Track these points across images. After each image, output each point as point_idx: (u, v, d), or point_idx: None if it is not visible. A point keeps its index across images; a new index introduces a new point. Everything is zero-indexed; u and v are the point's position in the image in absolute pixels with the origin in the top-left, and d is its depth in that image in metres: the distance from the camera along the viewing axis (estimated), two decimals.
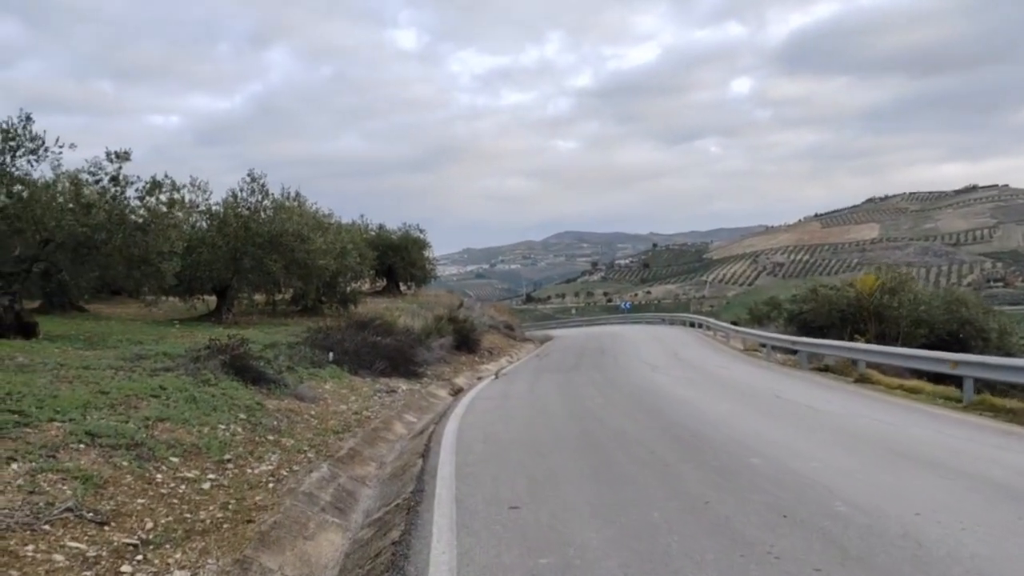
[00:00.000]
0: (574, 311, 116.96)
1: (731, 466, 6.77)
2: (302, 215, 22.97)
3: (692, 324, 40.11)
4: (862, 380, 14.12)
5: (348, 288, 27.22)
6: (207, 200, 20.73)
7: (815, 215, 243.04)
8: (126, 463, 6.20)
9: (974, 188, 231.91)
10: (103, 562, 4.50)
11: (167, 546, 4.94)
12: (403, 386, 15.19)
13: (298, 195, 23.99)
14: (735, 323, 34.76)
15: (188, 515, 5.58)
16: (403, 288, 38.74)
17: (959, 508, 5.34)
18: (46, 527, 4.73)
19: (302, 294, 25.24)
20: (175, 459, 6.73)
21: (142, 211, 15.17)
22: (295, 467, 7.56)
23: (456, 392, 16.03)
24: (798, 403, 11.23)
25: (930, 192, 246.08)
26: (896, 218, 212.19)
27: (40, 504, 4.99)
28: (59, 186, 14.55)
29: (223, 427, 8.31)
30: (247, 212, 22.25)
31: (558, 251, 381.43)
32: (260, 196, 22.63)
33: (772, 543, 4.62)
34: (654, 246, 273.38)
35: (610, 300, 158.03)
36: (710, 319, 38.14)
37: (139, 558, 4.67)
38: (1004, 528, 4.87)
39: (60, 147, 13.59)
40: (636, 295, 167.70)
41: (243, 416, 9.04)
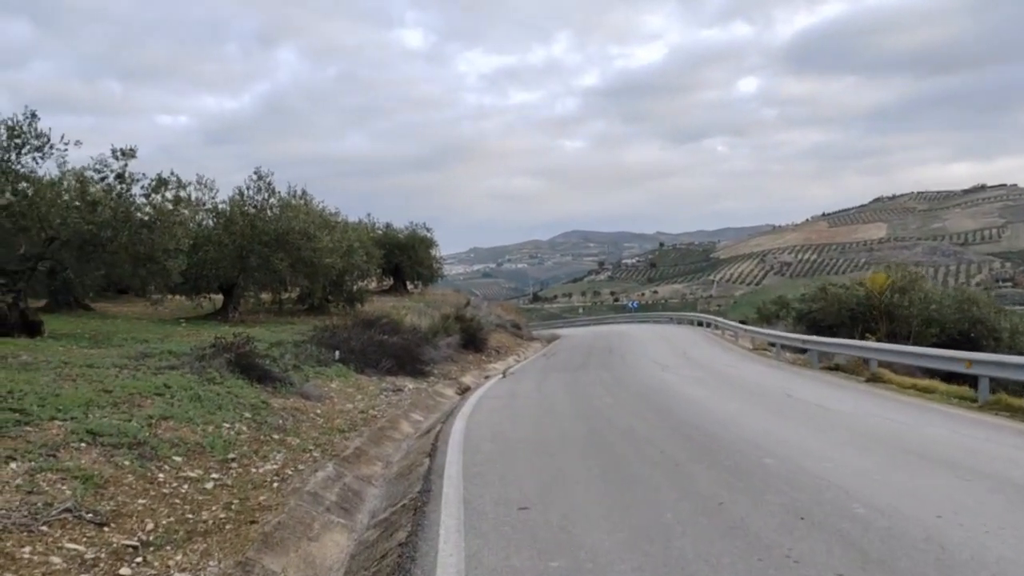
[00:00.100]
0: (581, 310, 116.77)
1: (744, 466, 6.62)
2: (308, 213, 22.88)
3: (700, 323, 39.91)
4: (874, 379, 13.93)
5: (355, 287, 27.14)
6: (213, 198, 20.69)
7: (822, 214, 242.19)
8: (128, 462, 6.09)
9: (982, 188, 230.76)
10: (101, 564, 4.39)
11: (168, 548, 4.83)
12: (410, 385, 15.08)
13: (304, 193, 23.93)
14: (743, 322, 34.57)
15: (190, 515, 5.47)
16: (410, 287, 38.66)
17: (981, 510, 5.18)
18: (44, 528, 4.62)
19: (308, 293, 25.17)
20: (178, 458, 6.63)
21: (148, 209, 15.08)
22: (300, 466, 7.45)
23: (463, 391, 15.92)
24: (810, 402, 11.06)
25: (938, 192, 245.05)
26: (904, 218, 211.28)
27: (38, 504, 4.89)
28: (65, 183, 14.47)
29: (228, 426, 8.20)
30: (253, 210, 22.17)
31: (565, 250, 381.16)
32: (266, 194, 22.56)
33: (790, 546, 4.48)
34: (661, 245, 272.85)
35: (617, 299, 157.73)
36: (718, 318, 37.91)
37: (139, 560, 4.56)
38: None
39: (65, 144, 13.52)
40: (643, 294, 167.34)
41: (248, 415, 8.94)
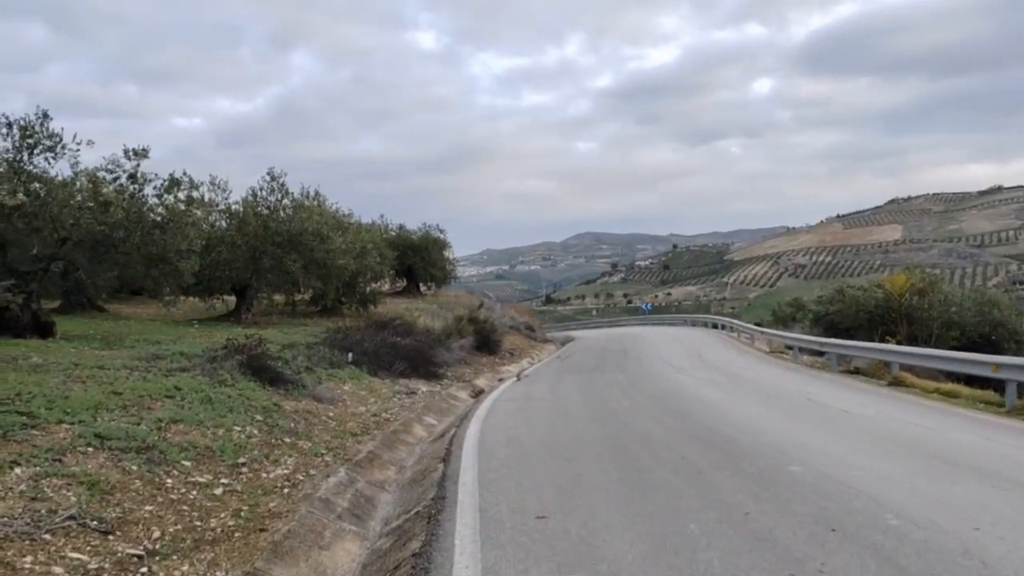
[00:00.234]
0: (594, 312, 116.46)
1: (769, 473, 6.40)
2: (322, 215, 22.79)
3: (715, 325, 39.58)
4: (896, 383, 13.65)
5: (368, 288, 27.04)
6: (226, 199, 20.63)
7: (837, 216, 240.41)
8: (135, 467, 5.95)
9: (999, 189, 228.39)
10: (105, 575, 4.24)
11: (174, 557, 4.68)
12: (423, 387, 14.92)
13: (318, 194, 23.84)
14: (759, 324, 34.24)
15: (198, 523, 5.32)
16: (423, 288, 38.56)
17: (1020, 521, 4.95)
18: (47, 536, 4.48)
19: (321, 294, 25.09)
20: (187, 463, 6.48)
21: (160, 209, 15.00)
22: (312, 471, 7.29)
23: (477, 394, 15.75)
24: (832, 406, 10.81)
25: (954, 193, 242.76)
26: (919, 219, 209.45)
27: (42, 511, 4.75)
28: (77, 184, 14.40)
29: (238, 429, 8.06)
30: (267, 211, 22.10)
31: (578, 252, 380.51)
32: (280, 195, 22.48)
33: (823, 560, 4.26)
34: (674, 247, 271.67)
35: (630, 301, 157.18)
36: (734, 320, 37.57)
37: (144, 571, 4.41)
38: None
39: (78, 144, 13.45)
40: (656, 296, 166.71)
41: (259, 418, 8.80)
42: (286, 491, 6.43)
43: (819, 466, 6.62)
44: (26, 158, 13.09)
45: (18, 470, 5.27)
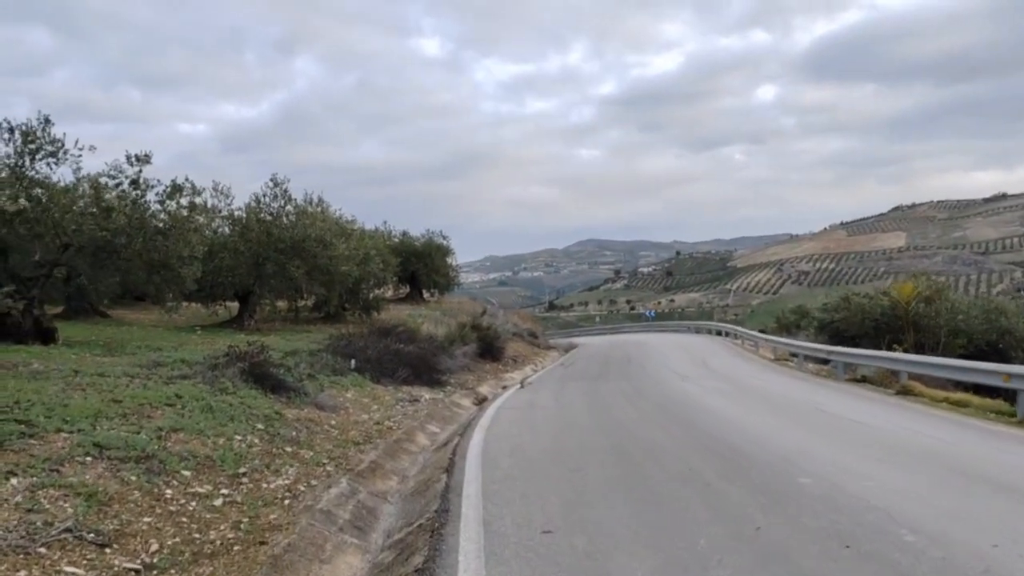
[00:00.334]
0: (598, 319, 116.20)
1: (778, 486, 6.28)
2: (325, 221, 22.73)
3: (719, 332, 39.43)
4: (904, 392, 13.50)
5: (371, 295, 26.96)
6: (229, 205, 20.58)
7: (840, 223, 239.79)
8: (134, 477, 5.85)
9: (1003, 196, 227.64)
10: None
11: (172, 571, 4.57)
12: (426, 395, 14.81)
13: (321, 201, 23.78)
14: (763, 331, 34.07)
15: (197, 535, 5.21)
16: (426, 295, 38.47)
17: None
18: (42, 550, 4.37)
19: (324, 300, 25.01)
20: (187, 473, 6.38)
21: (162, 215, 14.93)
22: (313, 481, 7.18)
23: (480, 401, 15.63)
24: (841, 416, 10.68)
25: (959, 200, 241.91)
26: (923, 226, 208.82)
27: (37, 524, 4.64)
28: (79, 190, 14.34)
29: (239, 438, 7.96)
30: (270, 217, 22.05)
31: (581, 259, 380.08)
32: (283, 201, 22.42)
33: None
34: (677, 254, 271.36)
35: (633, 308, 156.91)
36: (738, 327, 37.42)
37: None
38: None
39: (79, 150, 13.39)
40: (659, 303, 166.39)
41: (261, 426, 8.70)
42: (287, 502, 6.33)
43: (830, 478, 6.50)
44: (28, 163, 13.03)
45: (14, 481, 5.18)
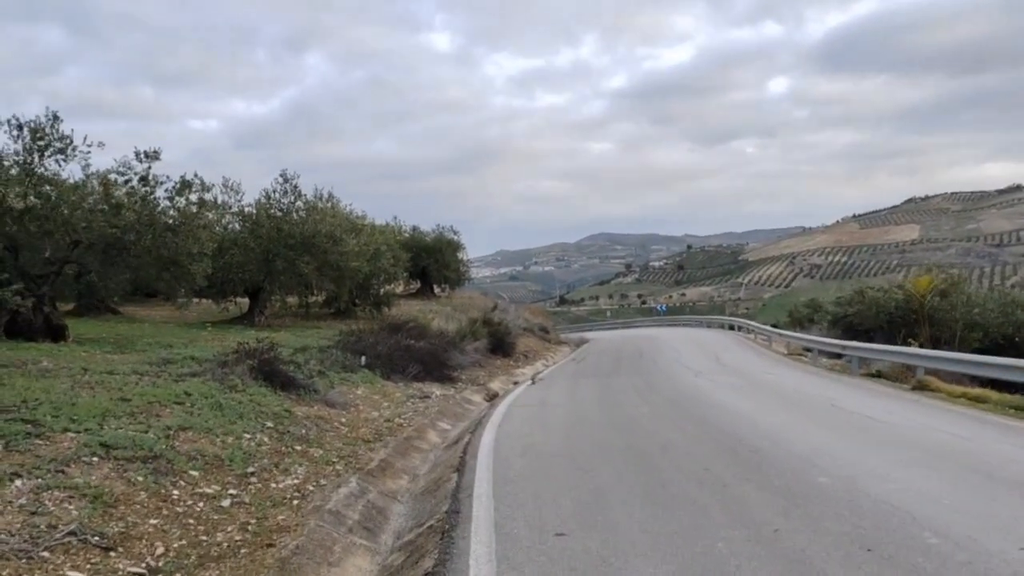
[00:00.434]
0: (609, 313, 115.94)
1: (797, 487, 6.13)
2: (335, 216, 22.64)
3: (731, 327, 39.19)
4: (921, 387, 13.29)
5: (381, 290, 26.89)
6: (239, 201, 20.53)
7: (853, 216, 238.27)
8: (141, 478, 5.78)
9: (1018, 188, 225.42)
10: None
11: (177, 575, 4.48)
12: (437, 391, 14.73)
13: (331, 196, 23.69)
14: (775, 326, 33.85)
15: (204, 538, 5.13)
16: (437, 290, 38.40)
17: None
18: (45, 554, 4.29)
19: (335, 296, 24.95)
20: (195, 473, 6.31)
21: (172, 212, 14.87)
22: (322, 481, 7.10)
23: (491, 397, 15.53)
24: (857, 413, 10.50)
25: (972, 192, 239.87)
26: (937, 219, 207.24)
27: (41, 527, 4.57)
28: (88, 186, 14.30)
29: (248, 436, 7.89)
30: (280, 213, 21.98)
31: (592, 253, 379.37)
32: (293, 197, 22.35)
33: None
34: (689, 248, 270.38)
35: (644, 302, 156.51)
36: (750, 322, 37.17)
37: None
38: None
39: (88, 146, 13.33)
40: (671, 297, 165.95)
41: (270, 424, 8.63)
42: (295, 502, 6.24)
43: (849, 478, 6.35)
44: (37, 160, 12.98)
45: (19, 482, 5.11)
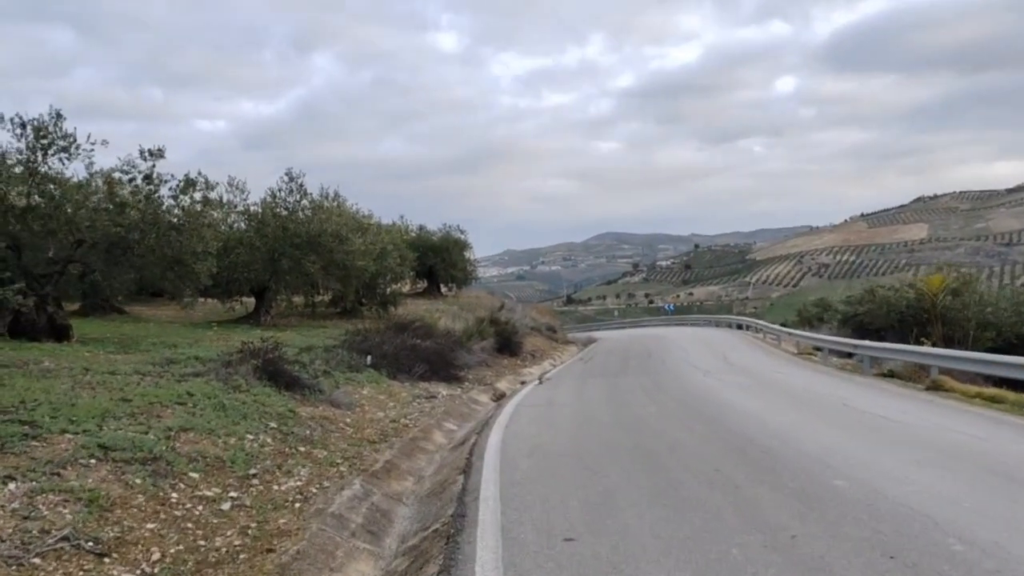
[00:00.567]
0: (616, 313, 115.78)
1: (812, 489, 5.96)
2: (341, 215, 22.52)
3: (739, 326, 38.94)
4: (935, 387, 13.06)
5: (388, 290, 26.74)
6: (245, 200, 20.43)
7: (861, 215, 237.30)
8: (139, 480, 5.64)
9: None
10: None
11: None
12: (443, 391, 14.59)
13: (337, 195, 23.57)
14: (784, 325, 33.59)
15: (202, 542, 4.98)
16: (444, 290, 38.26)
17: None
18: (36, 560, 4.16)
19: (341, 296, 24.83)
20: (195, 475, 6.17)
21: (176, 211, 14.75)
22: (326, 483, 6.95)
23: (498, 398, 15.37)
24: (871, 413, 10.30)
25: (981, 191, 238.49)
26: (946, 218, 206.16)
27: (33, 532, 4.43)
28: (92, 185, 14.19)
29: (251, 437, 7.76)
30: (285, 212, 21.87)
31: (599, 252, 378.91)
32: (298, 196, 22.23)
33: None
34: (696, 247, 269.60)
35: (652, 302, 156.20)
36: (759, 321, 36.91)
37: None
38: None
39: (92, 144, 13.21)
40: (678, 296, 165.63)
41: (274, 425, 8.49)
42: (297, 505, 6.10)
43: (866, 481, 6.17)
44: (39, 159, 12.87)
45: (12, 485, 4.97)
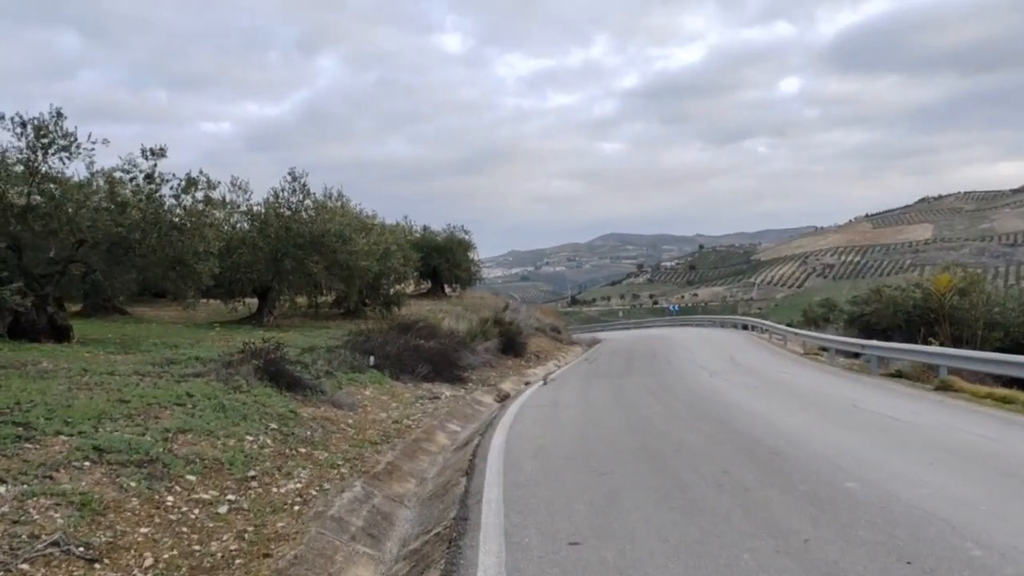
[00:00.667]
0: (621, 313, 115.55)
1: (824, 492, 5.81)
2: (344, 215, 22.42)
3: (744, 327, 38.74)
4: (944, 387, 12.89)
5: (391, 290, 26.64)
6: (247, 200, 20.34)
7: (866, 215, 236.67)
8: (134, 483, 5.51)
9: None
10: None
11: None
12: (447, 392, 14.46)
13: (341, 195, 23.48)
14: (789, 325, 33.41)
15: (197, 547, 4.85)
16: (448, 290, 38.16)
17: None
18: (24, 567, 4.03)
19: (344, 296, 24.73)
20: (192, 477, 6.04)
21: (178, 210, 14.65)
22: (326, 485, 6.82)
23: (502, 398, 15.23)
24: (880, 413, 10.14)
25: (986, 191, 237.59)
26: (950, 218, 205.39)
27: (23, 537, 4.30)
28: (93, 185, 14.10)
29: (251, 438, 7.63)
30: (288, 212, 21.78)
31: (603, 253, 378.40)
32: (301, 196, 22.14)
33: None
34: (700, 248, 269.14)
35: (656, 302, 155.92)
36: (766, 321, 36.71)
37: None
38: None
39: (92, 144, 13.12)
40: (682, 297, 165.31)
41: (274, 426, 8.37)
42: (296, 508, 5.96)
43: (879, 483, 6.02)
44: (40, 158, 12.77)
45: (2, 489, 4.85)
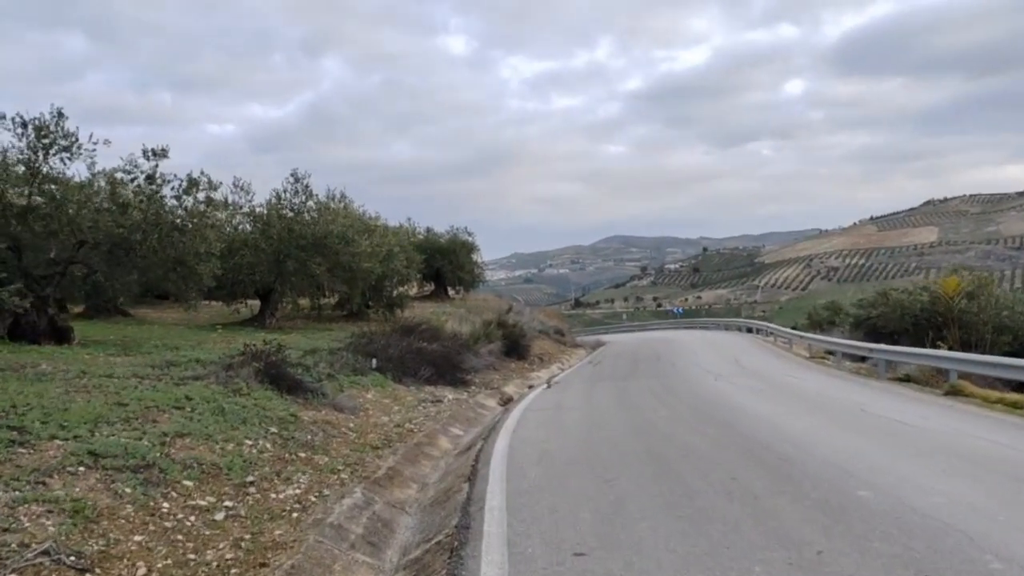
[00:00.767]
0: (624, 316, 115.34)
1: (836, 500, 5.66)
2: (347, 217, 22.33)
3: (749, 330, 38.56)
4: (954, 392, 12.73)
5: (394, 292, 26.56)
6: (250, 201, 20.25)
7: (871, 218, 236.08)
8: (129, 489, 5.38)
9: None
10: None
11: None
12: (449, 395, 14.33)
13: (343, 196, 23.39)
14: (794, 328, 33.24)
15: (192, 556, 4.72)
16: (451, 292, 38.08)
17: None
18: None
19: (347, 298, 24.63)
20: (188, 483, 5.91)
21: (180, 211, 14.55)
22: (326, 490, 6.69)
23: (506, 402, 15.10)
24: (890, 419, 9.98)
25: (991, 194, 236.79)
26: (956, 221, 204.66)
27: (12, 545, 4.17)
28: (95, 185, 14.01)
29: (250, 443, 7.51)
30: (291, 213, 21.68)
31: (607, 256, 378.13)
32: (304, 197, 22.04)
33: None
34: (704, 250, 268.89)
35: (660, 305, 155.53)
36: (771, 324, 36.53)
37: None
38: None
39: (94, 144, 13.03)
40: (686, 300, 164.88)
41: (274, 430, 8.24)
42: (295, 515, 5.83)
43: (892, 491, 5.87)
44: (41, 158, 12.68)
45: None
